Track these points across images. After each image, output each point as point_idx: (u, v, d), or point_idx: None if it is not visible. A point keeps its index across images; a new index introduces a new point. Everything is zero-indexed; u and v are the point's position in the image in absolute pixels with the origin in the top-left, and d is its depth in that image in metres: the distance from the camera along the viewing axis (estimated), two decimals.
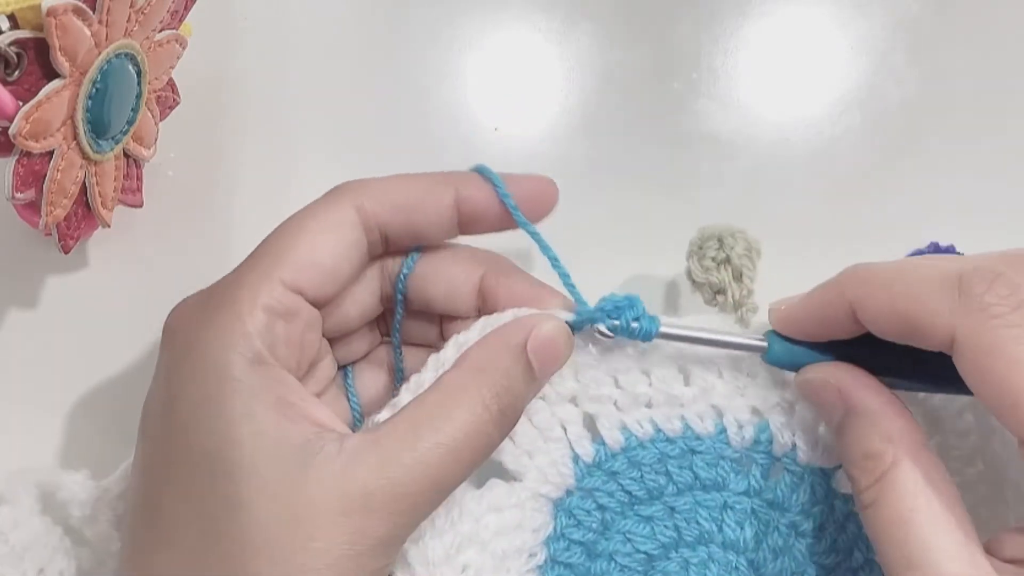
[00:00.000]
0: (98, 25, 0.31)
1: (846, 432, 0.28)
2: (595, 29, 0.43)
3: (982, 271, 0.26)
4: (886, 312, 0.27)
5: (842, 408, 0.29)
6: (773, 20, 0.44)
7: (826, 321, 0.29)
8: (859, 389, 0.29)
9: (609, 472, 0.32)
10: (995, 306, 0.25)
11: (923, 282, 0.27)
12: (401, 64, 0.43)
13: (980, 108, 0.43)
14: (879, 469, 0.27)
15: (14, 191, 0.31)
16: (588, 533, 0.32)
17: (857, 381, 0.29)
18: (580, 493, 0.32)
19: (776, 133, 0.42)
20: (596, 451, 0.32)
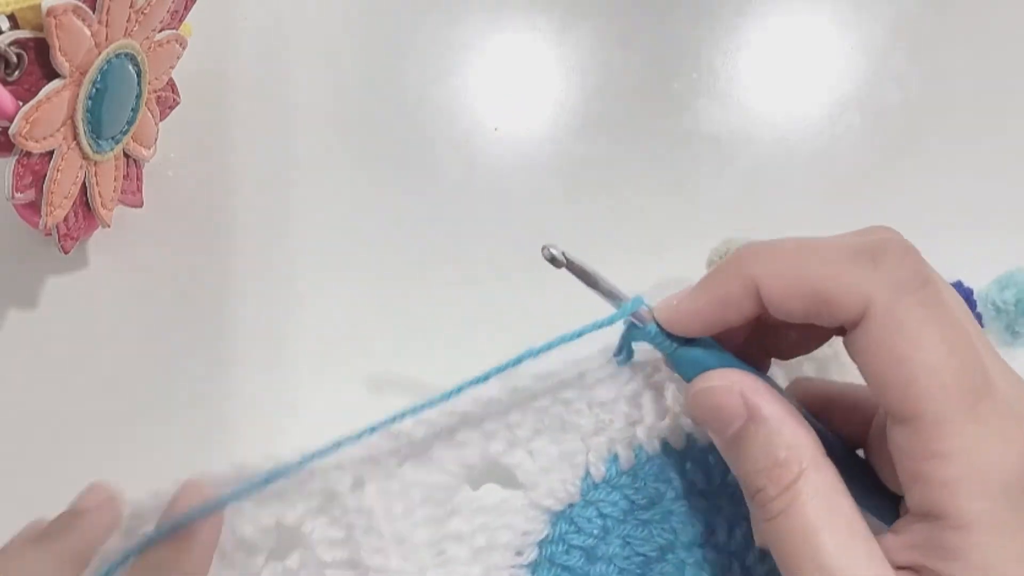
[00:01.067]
0: (98, 25, 0.31)
1: (748, 440, 0.27)
2: (595, 29, 0.43)
3: (893, 243, 0.26)
4: (792, 287, 0.26)
5: (743, 416, 0.27)
6: (773, 20, 0.44)
7: (724, 304, 0.28)
8: (763, 396, 0.27)
9: (614, 486, 0.33)
10: (909, 281, 0.25)
11: (833, 253, 0.26)
12: (401, 64, 0.43)
13: (980, 108, 0.43)
14: (787, 479, 0.26)
15: (14, 191, 0.31)
16: (588, 539, 0.33)
17: (760, 387, 0.28)
18: (583, 503, 0.33)
19: (776, 133, 0.42)
20: (608, 469, 0.32)
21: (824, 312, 0.26)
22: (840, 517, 0.26)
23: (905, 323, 0.25)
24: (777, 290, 0.27)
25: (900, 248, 0.26)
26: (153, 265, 0.39)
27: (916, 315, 0.25)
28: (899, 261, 0.25)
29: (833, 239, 0.27)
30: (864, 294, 0.25)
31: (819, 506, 0.26)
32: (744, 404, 0.27)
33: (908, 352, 0.25)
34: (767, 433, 0.27)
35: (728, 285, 0.28)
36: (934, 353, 0.24)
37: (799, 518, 0.26)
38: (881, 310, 0.25)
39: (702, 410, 0.28)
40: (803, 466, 0.26)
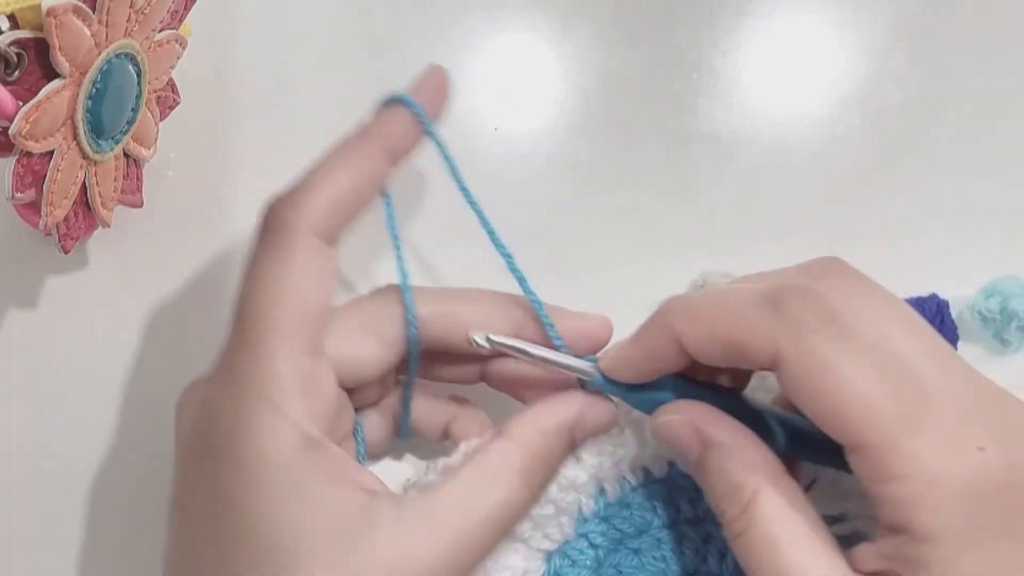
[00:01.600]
0: (98, 25, 0.31)
1: (707, 468, 0.29)
2: (595, 29, 0.43)
3: (792, 288, 0.27)
4: (709, 338, 0.28)
5: (699, 445, 0.29)
6: (773, 20, 0.44)
7: (656, 356, 0.30)
8: (714, 424, 0.29)
9: (602, 517, 0.33)
10: (810, 321, 0.26)
11: (740, 305, 0.27)
12: (401, 64, 0.43)
13: (980, 108, 0.43)
14: (744, 498, 0.27)
15: (14, 191, 0.31)
16: (583, 571, 0.33)
17: (711, 417, 0.29)
18: (574, 536, 0.33)
19: (776, 133, 0.42)
20: (596, 503, 0.33)
21: (742, 359, 0.27)
22: (799, 530, 0.27)
23: (817, 362, 0.26)
24: (695, 343, 0.28)
25: (799, 290, 0.27)
26: (153, 265, 0.39)
27: (826, 352, 0.26)
28: (800, 304, 0.26)
29: (744, 288, 0.28)
30: (771, 341, 0.26)
31: (777, 521, 0.27)
32: (697, 434, 0.29)
33: (828, 388, 0.26)
34: (721, 459, 0.28)
35: (655, 339, 0.29)
36: (855, 383, 0.25)
37: (758, 534, 0.27)
38: (790, 354, 0.26)
39: (664, 443, 0.30)
40: (758, 486, 0.27)
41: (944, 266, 0.39)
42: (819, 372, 0.26)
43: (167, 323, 0.39)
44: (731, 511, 0.28)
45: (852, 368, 0.25)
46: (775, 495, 0.27)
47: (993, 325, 0.37)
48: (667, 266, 0.40)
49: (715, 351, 0.28)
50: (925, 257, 0.40)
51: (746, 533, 0.27)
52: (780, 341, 0.26)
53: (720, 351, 0.28)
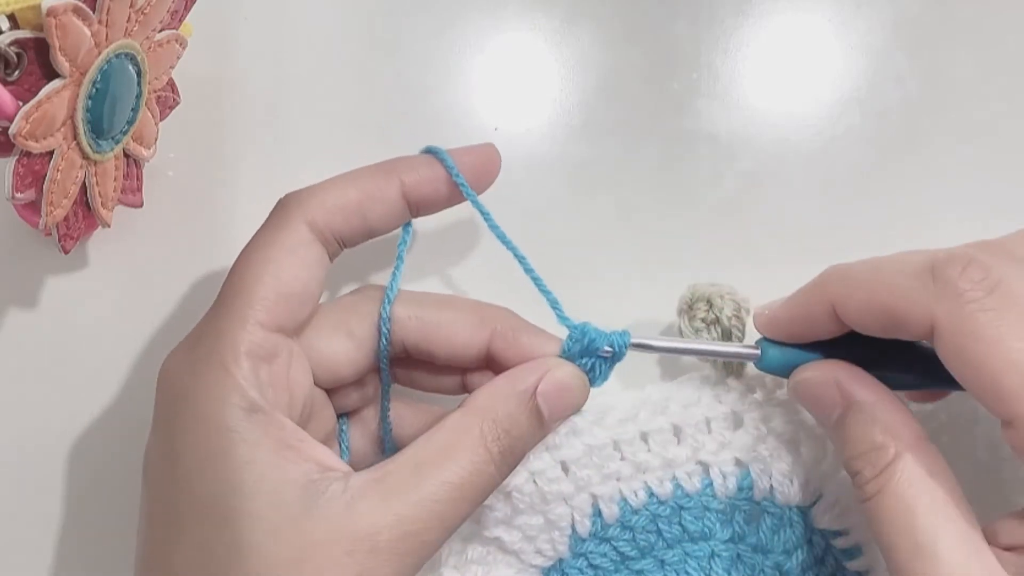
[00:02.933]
0: (98, 25, 0.30)
1: (847, 427, 0.29)
2: (595, 29, 0.43)
3: (954, 258, 0.26)
4: (866, 307, 0.28)
5: (842, 404, 0.29)
6: (773, 20, 0.44)
7: (810, 321, 0.30)
8: (858, 384, 0.29)
9: (602, 538, 0.33)
10: (969, 291, 0.26)
11: (898, 274, 0.27)
12: (401, 64, 0.43)
13: (980, 108, 0.43)
14: (883, 461, 0.27)
15: (14, 191, 0.31)
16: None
17: (855, 376, 0.29)
18: (572, 555, 0.33)
19: (776, 133, 0.42)
20: (593, 523, 0.33)
21: (898, 329, 0.27)
22: (936, 498, 0.26)
23: (972, 332, 0.25)
24: (852, 311, 0.28)
25: (961, 259, 0.26)
26: (153, 265, 0.39)
27: (983, 322, 0.25)
28: (959, 273, 0.26)
29: (903, 256, 0.28)
30: (927, 311, 0.26)
31: (915, 487, 0.27)
32: (840, 392, 0.29)
33: (982, 359, 0.25)
34: (864, 418, 0.28)
35: (810, 304, 0.30)
36: (1009, 352, 0.25)
37: (893, 498, 0.27)
38: (946, 324, 0.26)
39: (803, 402, 0.30)
40: (899, 449, 0.27)
41: None
42: (975, 342, 0.25)
43: (167, 323, 0.39)
44: (867, 471, 0.27)
45: (1009, 335, 0.25)
46: (916, 461, 0.27)
47: None
48: (667, 265, 0.40)
49: (871, 319, 0.28)
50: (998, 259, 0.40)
51: (881, 494, 0.27)
52: (936, 309, 0.26)
53: (875, 319, 0.28)
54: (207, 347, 0.29)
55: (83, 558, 0.38)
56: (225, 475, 0.27)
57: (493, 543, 0.32)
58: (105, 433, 0.38)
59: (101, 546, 0.37)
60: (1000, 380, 0.25)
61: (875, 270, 0.28)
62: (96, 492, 0.38)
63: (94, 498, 0.38)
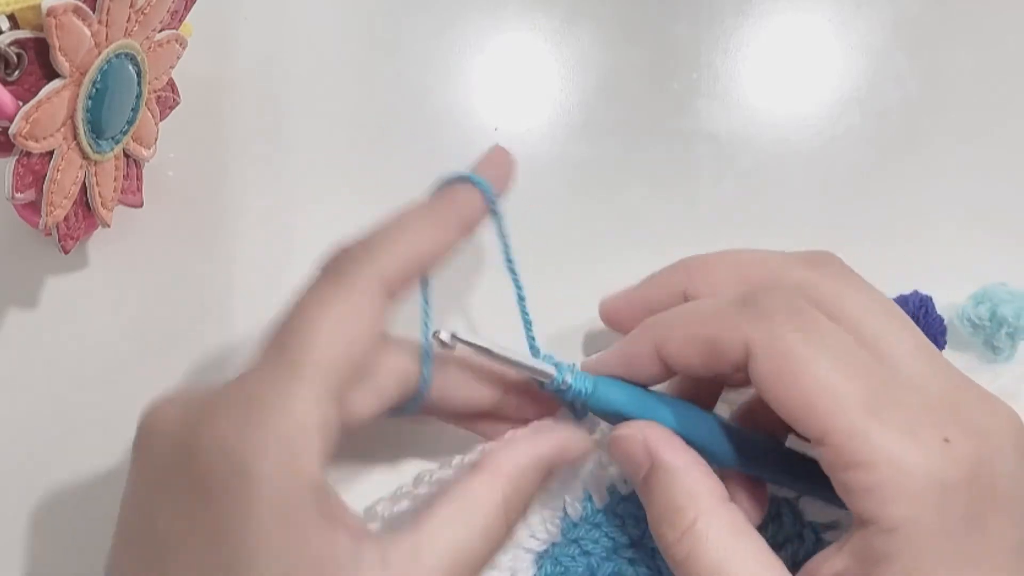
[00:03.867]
0: (98, 25, 0.31)
1: (651, 488, 0.29)
2: (595, 29, 0.43)
3: (764, 287, 0.28)
4: (685, 339, 0.29)
5: (648, 464, 0.29)
6: (773, 20, 0.44)
7: (634, 365, 0.30)
8: (665, 446, 0.29)
9: (593, 524, 0.33)
10: (779, 313, 0.27)
11: (714, 306, 0.29)
12: (401, 63, 0.43)
13: (980, 108, 0.43)
14: (684, 523, 0.28)
15: (14, 191, 0.31)
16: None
17: (664, 439, 0.29)
18: (564, 542, 0.33)
19: (776, 133, 0.42)
20: (584, 507, 0.33)
21: (716, 356, 0.28)
22: (744, 555, 0.27)
23: (784, 354, 0.26)
24: (675, 349, 0.29)
25: (771, 288, 0.28)
26: (153, 265, 0.39)
27: (792, 343, 0.26)
28: (769, 299, 0.27)
29: (719, 296, 0.29)
30: (743, 336, 0.27)
31: (720, 547, 0.27)
32: (647, 453, 0.29)
33: (794, 379, 0.26)
34: (666, 481, 0.29)
35: (635, 347, 0.30)
36: (820, 373, 0.26)
37: (702, 559, 0.27)
38: (759, 347, 0.27)
39: (616, 458, 0.31)
40: (699, 511, 0.28)
41: (943, 266, 0.39)
42: (785, 361, 0.26)
43: (167, 323, 0.39)
44: (671, 535, 0.28)
45: (818, 357, 0.26)
46: (717, 519, 0.27)
47: (983, 332, 0.37)
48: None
49: (693, 354, 0.29)
50: (924, 257, 0.40)
51: (689, 558, 0.27)
52: (749, 333, 0.27)
53: (698, 353, 0.28)
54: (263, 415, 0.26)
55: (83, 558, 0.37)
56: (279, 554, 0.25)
57: None
58: (105, 433, 0.38)
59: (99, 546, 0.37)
60: (812, 397, 0.26)
61: (694, 308, 0.29)
62: (95, 492, 0.38)
63: (94, 498, 0.38)
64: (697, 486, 0.28)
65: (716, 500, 0.28)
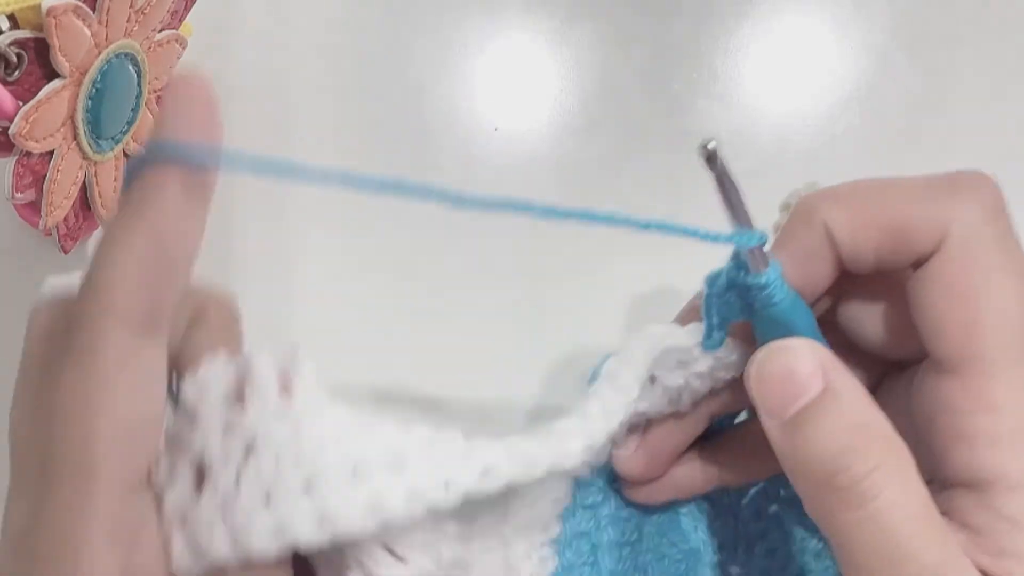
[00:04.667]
0: (98, 25, 0.31)
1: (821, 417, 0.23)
2: (595, 29, 0.43)
3: (972, 174, 0.25)
4: (866, 223, 0.25)
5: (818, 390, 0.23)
6: (773, 20, 0.44)
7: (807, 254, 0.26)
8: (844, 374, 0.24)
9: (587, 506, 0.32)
10: (989, 209, 0.24)
11: (912, 185, 0.25)
12: (401, 64, 0.43)
13: (980, 108, 0.43)
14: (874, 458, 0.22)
15: (14, 191, 0.31)
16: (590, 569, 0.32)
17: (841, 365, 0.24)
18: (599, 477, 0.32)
19: (776, 133, 0.42)
20: None
21: (899, 245, 0.24)
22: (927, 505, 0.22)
23: (979, 259, 0.23)
24: (849, 230, 0.25)
25: (978, 177, 0.25)
26: None
27: (991, 251, 0.23)
28: (977, 188, 0.24)
29: (908, 178, 0.26)
30: (942, 221, 0.24)
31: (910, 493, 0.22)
32: (822, 377, 0.23)
33: (977, 290, 0.23)
34: (847, 409, 0.23)
35: (802, 236, 0.26)
36: (1003, 296, 0.23)
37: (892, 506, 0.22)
38: (957, 240, 0.24)
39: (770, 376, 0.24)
40: (888, 447, 0.23)
41: None
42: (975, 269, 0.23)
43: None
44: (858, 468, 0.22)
45: (1006, 280, 0.23)
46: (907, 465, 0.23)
47: None
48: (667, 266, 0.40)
49: (871, 238, 0.25)
50: None
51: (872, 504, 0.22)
52: (951, 223, 0.24)
53: (877, 238, 0.25)
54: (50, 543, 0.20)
55: None
56: None
57: None
58: None
59: None
60: (979, 317, 0.23)
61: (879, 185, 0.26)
62: None
63: None
64: (880, 420, 0.23)
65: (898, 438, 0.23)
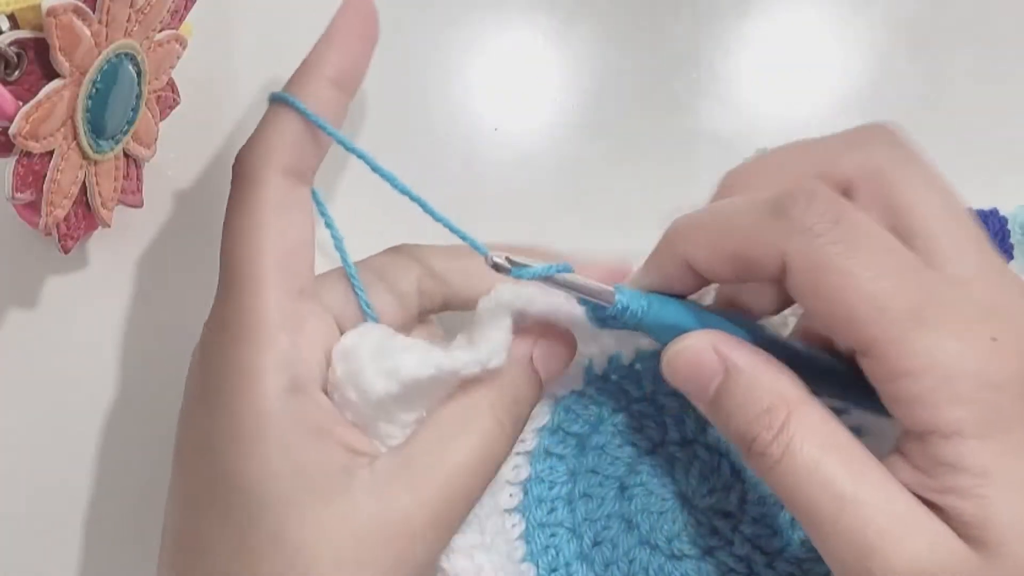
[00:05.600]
0: (98, 25, 0.30)
1: (731, 394, 0.27)
2: (595, 29, 0.43)
3: (795, 193, 0.26)
4: (716, 256, 0.27)
5: (721, 371, 0.27)
6: (773, 20, 0.44)
7: (668, 281, 0.29)
8: (737, 349, 0.27)
9: (552, 429, 0.33)
10: (816, 225, 0.25)
11: (743, 216, 0.27)
12: (401, 64, 0.43)
13: (980, 108, 0.43)
14: (779, 420, 0.26)
15: (14, 191, 0.31)
16: (585, 426, 0.33)
17: (734, 342, 0.28)
18: (580, 392, 0.33)
19: (776, 133, 0.42)
20: (611, 362, 0.33)
21: (751, 272, 0.27)
22: (841, 446, 0.26)
23: (823, 263, 0.25)
24: (704, 262, 0.27)
25: (803, 194, 0.26)
26: (153, 265, 0.39)
27: (831, 253, 0.25)
28: (806, 207, 0.26)
29: (746, 200, 0.27)
30: (776, 248, 0.26)
31: (818, 440, 0.25)
32: (720, 359, 0.27)
33: (835, 291, 0.25)
34: (747, 382, 0.27)
35: (665, 265, 0.29)
36: (862, 285, 0.25)
37: (801, 455, 0.25)
38: (797, 259, 0.25)
39: (680, 372, 0.28)
40: (791, 407, 0.26)
41: None
42: (825, 273, 0.25)
43: (167, 323, 0.39)
44: (764, 435, 0.26)
45: (860, 268, 0.25)
46: (810, 413, 0.26)
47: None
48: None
49: (724, 267, 0.27)
50: None
51: (786, 455, 0.25)
52: (785, 248, 0.25)
53: (729, 267, 0.27)
54: (235, 326, 0.28)
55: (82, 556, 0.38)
56: (259, 460, 0.27)
57: None
58: (105, 433, 0.38)
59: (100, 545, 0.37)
60: (854, 309, 0.25)
61: (721, 217, 0.28)
62: (95, 492, 0.38)
63: (93, 498, 0.38)
64: (780, 383, 0.27)
65: (803, 393, 0.27)
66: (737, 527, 0.33)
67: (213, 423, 0.28)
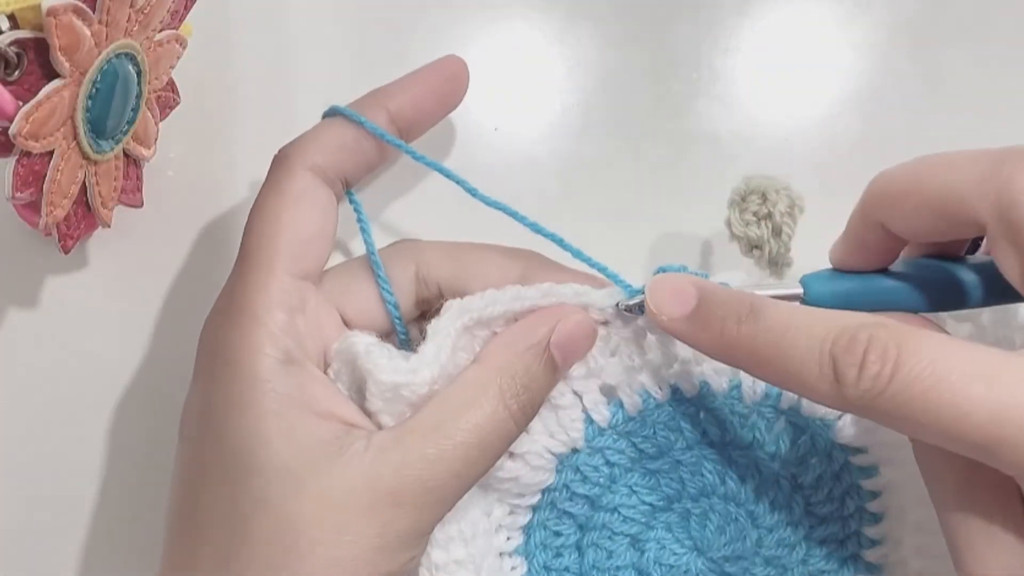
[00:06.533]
0: (98, 25, 0.30)
1: None
2: (595, 29, 0.43)
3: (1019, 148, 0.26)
4: (915, 211, 0.27)
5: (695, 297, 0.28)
6: (773, 20, 0.44)
7: (866, 246, 0.29)
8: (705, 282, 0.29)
9: (622, 432, 0.33)
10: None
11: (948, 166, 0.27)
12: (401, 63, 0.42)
13: (980, 108, 0.43)
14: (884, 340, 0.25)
15: (14, 191, 0.31)
16: (595, 488, 0.33)
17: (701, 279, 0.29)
18: (589, 450, 0.33)
19: (776, 133, 0.42)
20: (612, 414, 0.33)
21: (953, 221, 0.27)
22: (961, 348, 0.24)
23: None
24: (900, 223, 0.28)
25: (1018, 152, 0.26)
26: (153, 265, 0.39)
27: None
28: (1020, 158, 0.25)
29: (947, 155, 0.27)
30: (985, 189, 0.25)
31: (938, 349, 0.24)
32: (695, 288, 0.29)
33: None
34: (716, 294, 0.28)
35: (862, 232, 0.29)
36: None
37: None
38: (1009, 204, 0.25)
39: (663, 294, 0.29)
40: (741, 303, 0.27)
41: None
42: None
43: (167, 323, 0.39)
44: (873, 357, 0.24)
45: None
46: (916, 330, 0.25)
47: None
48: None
49: (923, 223, 0.27)
50: None
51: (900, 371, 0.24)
52: (999, 187, 0.25)
53: (928, 221, 0.27)
54: (239, 301, 0.30)
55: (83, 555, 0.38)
56: (253, 426, 0.27)
57: None
58: (105, 432, 0.38)
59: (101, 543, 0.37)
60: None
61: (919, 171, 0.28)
62: (95, 492, 0.38)
63: (93, 497, 0.38)
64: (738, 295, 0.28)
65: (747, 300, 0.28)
66: (749, 569, 0.33)
67: (211, 392, 0.29)
